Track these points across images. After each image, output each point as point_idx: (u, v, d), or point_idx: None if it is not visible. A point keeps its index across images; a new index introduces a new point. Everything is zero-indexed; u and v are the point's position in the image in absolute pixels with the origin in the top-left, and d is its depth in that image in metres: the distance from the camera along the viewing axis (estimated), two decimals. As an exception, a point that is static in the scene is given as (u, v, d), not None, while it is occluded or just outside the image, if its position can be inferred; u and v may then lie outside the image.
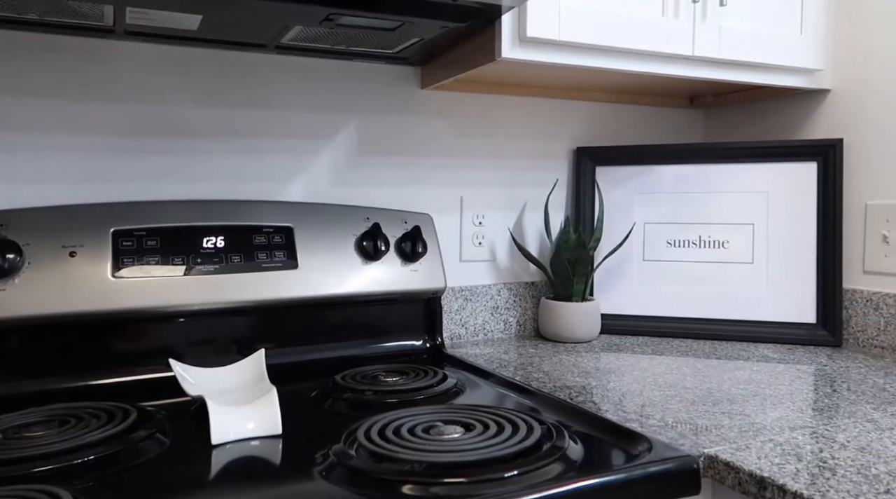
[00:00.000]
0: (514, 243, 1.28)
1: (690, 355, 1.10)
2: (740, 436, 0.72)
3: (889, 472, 0.63)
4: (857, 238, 1.18)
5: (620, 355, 1.10)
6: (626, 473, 0.60)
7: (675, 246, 1.28)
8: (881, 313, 1.13)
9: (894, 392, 0.89)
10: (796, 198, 1.22)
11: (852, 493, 0.58)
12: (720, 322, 1.23)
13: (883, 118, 1.14)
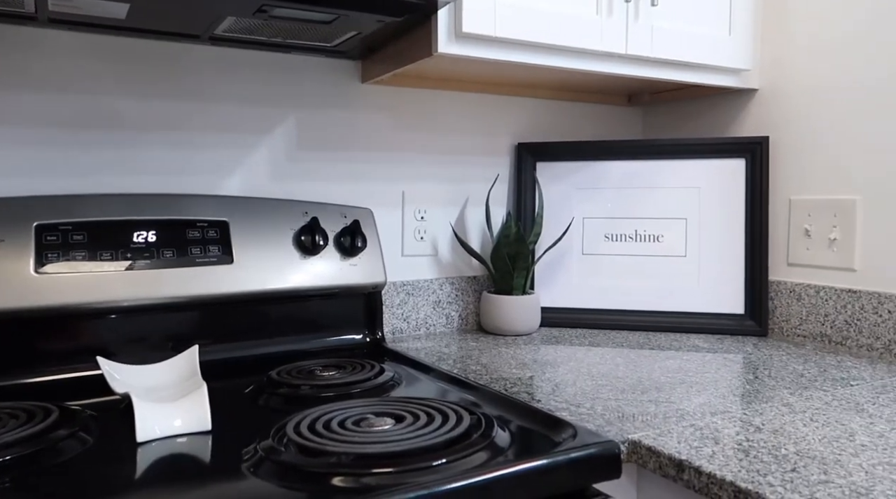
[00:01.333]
0: (456, 238, 1.29)
1: (625, 346, 1.13)
2: (664, 422, 0.75)
3: (797, 452, 0.66)
4: (782, 232, 1.23)
5: (558, 347, 1.12)
6: (549, 458, 0.61)
7: (613, 240, 1.31)
8: (803, 304, 1.18)
9: (811, 378, 0.94)
10: (726, 194, 1.27)
11: (761, 472, 0.61)
12: (655, 314, 1.27)
13: (806, 117, 1.19)
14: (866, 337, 1.08)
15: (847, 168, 1.13)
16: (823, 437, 0.70)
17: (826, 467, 0.62)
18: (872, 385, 0.90)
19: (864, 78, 1.09)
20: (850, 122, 1.12)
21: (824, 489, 0.58)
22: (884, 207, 1.08)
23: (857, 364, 1.01)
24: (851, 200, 1.12)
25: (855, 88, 1.11)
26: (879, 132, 1.08)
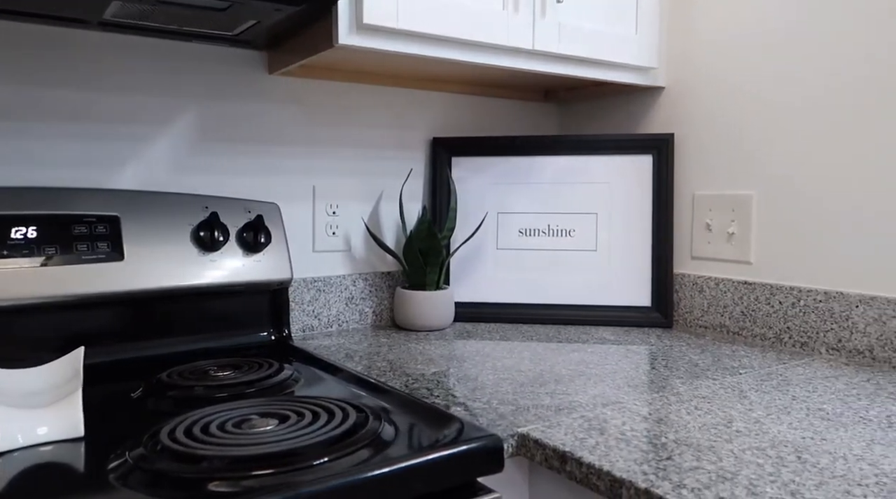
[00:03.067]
0: (369, 233, 1.27)
1: (534, 340, 1.15)
2: (556, 414, 0.76)
3: (676, 440, 0.68)
4: (686, 226, 1.27)
5: (468, 342, 1.13)
6: (431, 454, 0.61)
7: (527, 235, 1.33)
8: (704, 295, 1.22)
9: (704, 367, 0.97)
10: (634, 189, 1.30)
11: (638, 461, 0.62)
12: (566, 308, 1.29)
13: (709, 115, 1.23)
14: (760, 327, 1.13)
15: (744, 164, 1.17)
16: (703, 424, 0.73)
17: (700, 454, 0.64)
18: (759, 373, 0.93)
19: (760, 78, 1.14)
20: (747, 120, 1.16)
21: (693, 475, 0.59)
22: (777, 202, 1.12)
23: (750, 353, 1.05)
24: (748, 195, 1.16)
25: (752, 87, 1.15)
26: (774, 130, 1.12)
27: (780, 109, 1.11)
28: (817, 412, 0.77)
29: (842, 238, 1.03)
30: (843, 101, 1.03)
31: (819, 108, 1.06)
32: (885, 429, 0.71)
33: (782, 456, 0.64)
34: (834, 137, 1.04)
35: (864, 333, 0.99)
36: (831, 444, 0.67)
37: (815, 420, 0.74)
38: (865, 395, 0.83)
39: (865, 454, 0.64)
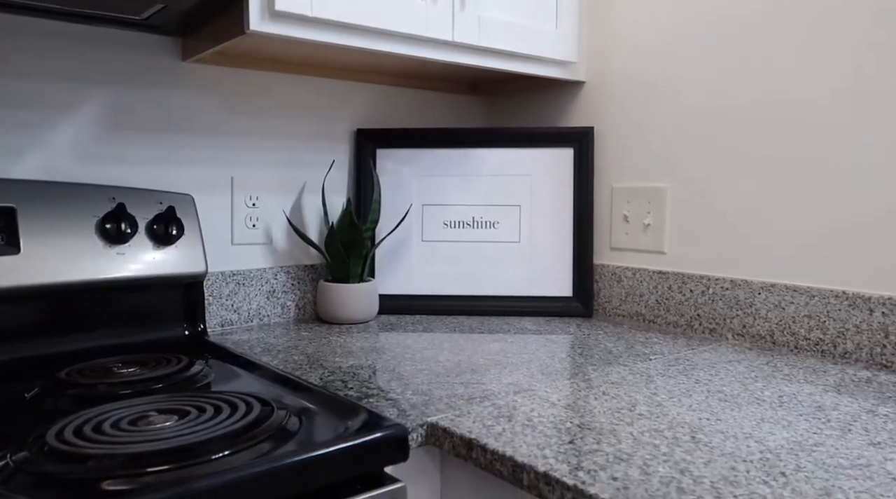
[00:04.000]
0: (291, 225, 1.25)
1: (457, 331, 1.15)
2: (467, 403, 0.77)
3: (580, 425, 0.70)
4: (605, 218, 1.31)
5: (390, 334, 1.12)
6: (333, 446, 0.60)
7: (451, 227, 1.33)
8: (622, 285, 1.26)
9: (617, 354, 1.00)
10: (556, 181, 1.32)
11: (541, 446, 0.64)
12: (491, 299, 1.31)
13: (627, 109, 1.26)
14: (673, 315, 1.17)
15: (659, 158, 1.21)
16: (608, 409, 0.75)
17: (601, 437, 0.66)
18: (668, 359, 0.97)
19: (675, 74, 1.18)
20: (662, 115, 1.20)
21: (591, 458, 0.61)
22: (688, 195, 1.16)
23: (662, 340, 1.09)
24: (662, 187, 1.20)
25: (667, 83, 1.19)
26: (686, 125, 1.16)
27: (692, 105, 1.15)
28: (716, 394, 0.80)
29: (746, 229, 1.08)
30: (748, 99, 1.07)
31: (727, 106, 1.10)
32: (776, 408, 0.75)
33: (678, 436, 0.66)
34: (739, 134, 1.08)
35: (766, 319, 1.04)
36: (725, 424, 0.70)
37: (714, 402, 0.77)
38: (762, 377, 0.87)
39: (754, 432, 0.67)
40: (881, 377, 0.87)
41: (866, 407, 0.75)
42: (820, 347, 0.98)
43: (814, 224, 1.00)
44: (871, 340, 0.93)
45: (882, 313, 0.91)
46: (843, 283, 0.97)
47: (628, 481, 0.56)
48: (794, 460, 0.61)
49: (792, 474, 0.58)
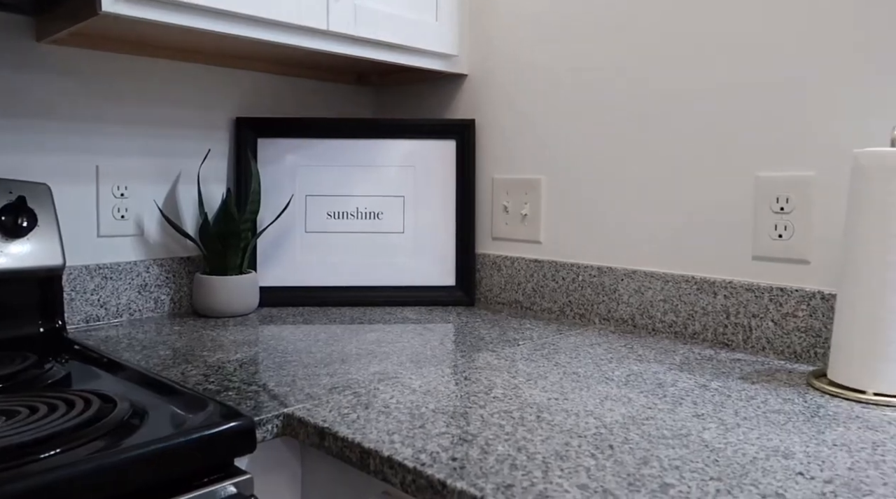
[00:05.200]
0: (163, 216, 1.20)
1: (337, 322, 1.15)
2: (328, 393, 0.77)
3: (435, 409, 0.72)
4: (487, 208, 1.34)
5: (268, 327, 1.11)
6: (174, 440, 0.59)
7: (335, 218, 1.33)
8: (502, 274, 1.30)
9: (489, 341, 1.03)
10: (439, 173, 1.34)
11: (391, 431, 0.65)
12: (375, 289, 1.31)
13: (507, 102, 1.30)
14: (547, 301, 1.22)
15: (536, 149, 1.25)
16: (466, 393, 0.77)
17: (451, 420, 0.68)
18: (535, 344, 1.01)
19: (551, 66, 1.22)
20: (539, 107, 1.24)
21: (437, 440, 0.63)
22: (560, 186, 1.21)
23: (535, 326, 1.13)
24: (538, 179, 1.25)
25: (543, 77, 1.23)
26: (560, 117, 1.21)
27: (565, 98, 1.20)
28: (571, 376, 0.84)
29: (611, 219, 1.14)
30: (615, 93, 1.13)
31: (595, 100, 1.15)
32: (622, 386, 0.80)
33: (525, 416, 0.70)
34: (605, 127, 1.14)
35: (628, 304, 1.11)
36: (571, 403, 0.74)
37: (567, 383, 0.81)
38: (616, 358, 0.93)
39: (596, 409, 0.72)
40: (721, 355, 0.95)
41: (701, 382, 0.82)
42: (673, 328, 1.05)
43: (667, 214, 1.07)
44: (715, 321, 1.00)
45: (724, 296, 0.99)
46: (693, 268, 1.04)
47: (466, 461, 0.58)
48: (625, 433, 0.65)
49: (619, 446, 0.62)
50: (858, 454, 0.60)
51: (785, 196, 0.94)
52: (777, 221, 0.95)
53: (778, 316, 0.94)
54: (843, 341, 0.78)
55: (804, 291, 0.92)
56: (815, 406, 0.74)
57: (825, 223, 0.91)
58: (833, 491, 0.53)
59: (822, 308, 0.90)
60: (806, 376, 0.84)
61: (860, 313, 0.76)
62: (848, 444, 0.63)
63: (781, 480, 0.55)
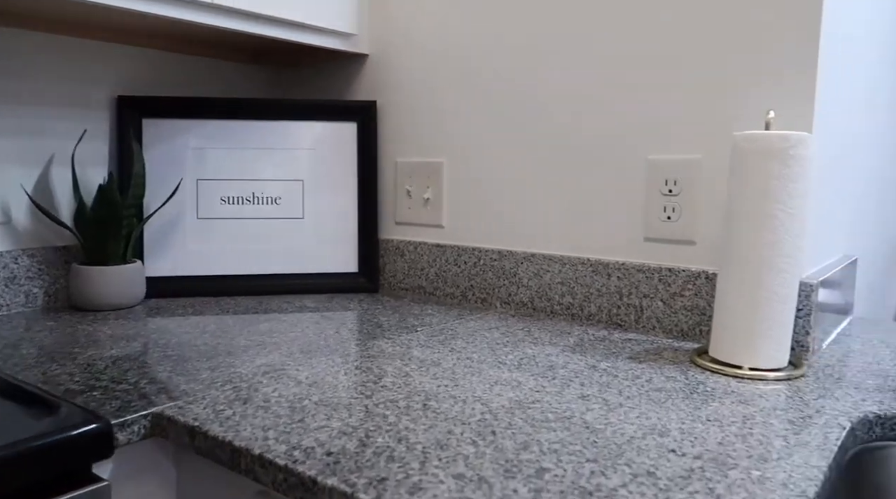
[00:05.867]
0: (32, 202, 1.11)
1: (230, 313, 1.10)
2: (206, 388, 0.72)
3: (318, 401, 0.69)
4: (390, 193, 1.31)
5: (154, 320, 1.04)
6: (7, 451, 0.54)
7: (230, 203, 1.26)
8: (405, 259, 1.28)
9: (387, 328, 1.00)
10: (340, 156, 1.30)
11: (266, 427, 0.62)
12: (273, 277, 1.26)
13: (409, 83, 1.27)
14: (450, 286, 1.21)
15: (437, 132, 1.23)
16: (354, 383, 0.74)
17: (333, 413, 0.65)
18: (434, 330, 0.99)
19: (452, 46, 1.20)
20: (440, 89, 1.22)
21: (314, 435, 0.60)
22: (461, 169, 1.20)
23: (437, 311, 1.12)
24: (439, 162, 1.23)
25: (444, 56, 1.21)
26: (459, 99, 1.19)
27: (465, 81, 1.18)
28: (465, 361, 0.83)
29: (511, 202, 1.14)
30: (513, 75, 1.12)
31: (496, 84, 1.14)
32: (513, 370, 0.80)
33: (411, 405, 0.68)
34: (504, 108, 1.13)
35: (528, 287, 1.11)
36: (460, 389, 0.73)
37: (459, 369, 0.80)
38: (512, 342, 0.93)
39: (484, 395, 0.71)
40: (614, 335, 0.97)
41: (591, 363, 0.83)
42: (571, 310, 1.06)
43: (564, 197, 1.07)
44: (610, 303, 1.02)
45: (617, 277, 1.01)
46: (588, 251, 1.05)
47: (342, 456, 0.56)
48: (509, 418, 0.64)
49: (502, 431, 0.61)
50: (729, 429, 0.62)
51: (673, 179, 0.96)
52: (666, 203, 0.97)
53: (667, 296, 0.97)
54: (722, 319, 0.81)
55: (690, 270, 0.94)
56: (696, 383, 0.76)
57: (710, 204, 0.94)
58: (701, 467, 0.54)
59: (706, 287, 0.93)
60: (690, 354, 0.86)
61: (738, 292, 0.79)
62: (720, 419, 0.65)
63: (654, 458, 0.56)
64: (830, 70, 0.90)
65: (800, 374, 0.78)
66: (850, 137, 1.11)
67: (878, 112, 1.42)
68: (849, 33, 0.99)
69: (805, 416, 0.65)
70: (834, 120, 0.96)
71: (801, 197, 0.76)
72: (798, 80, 0.85)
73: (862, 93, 1.19)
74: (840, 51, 0.94)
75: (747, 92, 0.89)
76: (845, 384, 0.76)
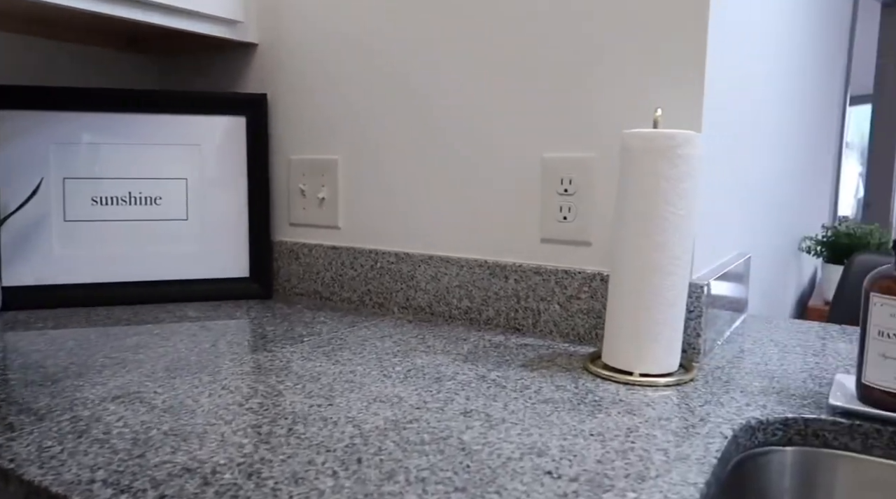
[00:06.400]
0: None
1: (98, 325, 0.99)
2: (37, 420, 0.63)
3: (168, 430, 0.61)
4: (284, 192, 1.23)
5: (4, 336, 0.92)
6: None
7: (103, 204, 1.15)
8: (300, 263, 1.20)
9: (271, 339, 0.93)
10: (228, 152, 1.20)
11: (98, 465, 0.53)
12: (154, 284, 1.16)
13: (300, 75, 1.19)
14: (346, 291, 1.15)
15: (332, 127, 1.16)
16: (216, 406, 0.67)
17: (183, 443, 0.58)
18: (322, 339, 0.93)
19: (347, 37, 1.13)
20: (335, 82, 1.15)
21: (153, 473, 0.52)
22: (357, 166, 1.14)
23: (330, 319, 1.05)
24: (334, 159, 1.16)
25: (337, 47, 1.14)
26: (354, 92, 1.12)
27: (359, 73, 1.12)
28: (347, 376, 0.77)
29: (407, 203, 1.08)
30: (411, 71, 1.06)
31: (391, 77, 1.08)
32: (397, 384, 0.74)
33: (274, 431, 0.61)
34: (400, 104, 1.07)
35: (426, 291, 1.06)
36: (334, 409, 0.67)
37: (338, 385, 0.74)
38: (403, 351, 0.87)
39: (358, 415, 0.65)
40: (511, 341, 0.93)
41: (481, 373, 0.78)
42: (469, 315, 1.02)
43: (461, 197, 1.03)
44: (507, 306, 0.98)
45: (515, 280, 0.97)
46: (486, 252, 1.01)
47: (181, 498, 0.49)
48: (380, 441, 0.59)
49: (369, 458, 0.56)
50: (611, 444, 0.59)
51: (569, 178, 0.93)
52: (562, 202, 0.94)
53: (563, 298, 0.94)
54: (613, 324, 0.78)
55: (586, 272, 0.92)
56: (585, 392, 0.72)
57: (606, 204, 0.91)
58: (576, 490, 0.50)
59: (601, 290, 0.91)
60: (584, 360, 0.84)
61: (627, 295, 0.76)
62: (604, 432, 0.61)
63: (528, 482, 0.52)
64: (720, 67, 0.89)
65: (690, 378, 0.77)
66: (743, 135, 1.12)
67: (774, 108, 1.46)
68: (740, 30, 0.99)
69: (689, 425, 0.63)
70: (725, 117, 0.96)
71: (689, 197, 0.74)
72: (687, 77, 0.83)
73: (756, 90, 1.20)
74: (731, 48, 0.94)
75: (640, 88, 0.87)
76: (732, 388, 0.75)
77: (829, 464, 0.66)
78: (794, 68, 1.74)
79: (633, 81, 0.87)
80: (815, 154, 2.53)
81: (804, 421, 0.66)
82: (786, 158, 1.76)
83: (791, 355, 0.88)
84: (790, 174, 1.89)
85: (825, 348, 0.91)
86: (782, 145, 1.68)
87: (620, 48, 0.88)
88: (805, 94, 2.04)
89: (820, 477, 0.66)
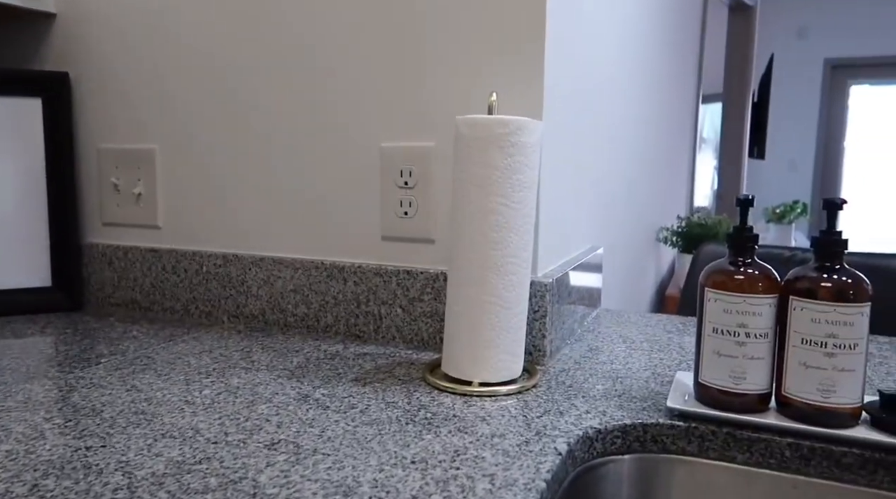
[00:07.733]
0: None
1: None
2: None
3: None
4: (93, 187, 1.06)
5: None
6: None
7: None
8: (114, 268, 1.04)
9: (60, 362, 0.78)
10: (20, 141, 1.02)
11: None
12: (-79, 300, 0.96)
13: (107, 53, 1.02)
14: (169, 299, 1.01)
15: (149, 112, 1.01)
16: (-55, 460, 0.53)
17: None
18: (124, 359, 0.79)
19: (159, 11, 0.98)
20: (146, 61, 1.00)
21: None
22: (178, 158, 0.99)
23: (145, 332, 0.91)
24: (151, 149, 1.01)
25: (148, 22, 0.99)
26: (173, 73, 0.98)
27: (179, 51, 0.97)
28: (139, 405, 0.65)
29: (235, 199, 0.96)
30: (235, 49, 0.94)
31: (215, 57, 0.95)
32: (198, 413, 0.63)
33: (11, 490, 0.48)
34: (226, 88, 0.95)
35: (258, 297, 0.94)
36: (107, 451, 0.54)
37: (124, 417, 0.61)
38: (219, 370, 0.76)
39: (135, 458, 0.53)
40: (350, 350, 0.84)
41: (305, 392, 0.69)
42: (306, 322, 0.92)
43: (295, 192, 0.92)
44: (347, 311, 0.89)
45: (354, 283, 0.88)
46: (323, 253, 0.91)
47: None
48: (151, 494, 0.48)
49: (128, 519, 0.44)
50: (432, 473, 0.51)
51: (408, 169, 0.85)
52: (402, 196, 0.86)
53: (405, 301, 0.86)
54: (451, 330, 0.71)
55: (429, 272, 0.84)
56: (417, 408, 0.65)
57: (447, 198, 0.84)
58: (378, 541, 0.42)
59: (444, 291, 0.84)
60: (423, 370, 0.76)
61: (464, 298, 0.70)
62: (427, 458, 0.54)
63: (322, 536, 0.43)
64: (562, 55, 0.84)
65: (533, 384, 0.71)
66: (591, 123, 1.09)
67: (627, 103, 1.46)
68: (583, 13, 0.96)
69: (523, 442, 0.57)
70: (569, 106, 0.92)
71: (526, 189, 0.69)
72: (526, 60, 0.78)
73: (605, 83, 1.19)
74: (573, 33, 0.90)
75: (477, 71, 0.80)
76: (574, 393, 0.70)
77: (666, 469, 0.62)
78: (649, 66, 1.78)
79: (469, 63, 0.81)
80: (673, 149, 2.64)
81: (643, 427, 0.62)
82: (644, 151, 1.80)
83: (637, 352, 0.85)
84: (649, 167, 1.94)
85: (670, 343, 0.90)
86: (640, 139, 1.71)
87: (455, 26, 0.81)
88: (661, 93, 2.10)
89: (657, 484, 0.62)
